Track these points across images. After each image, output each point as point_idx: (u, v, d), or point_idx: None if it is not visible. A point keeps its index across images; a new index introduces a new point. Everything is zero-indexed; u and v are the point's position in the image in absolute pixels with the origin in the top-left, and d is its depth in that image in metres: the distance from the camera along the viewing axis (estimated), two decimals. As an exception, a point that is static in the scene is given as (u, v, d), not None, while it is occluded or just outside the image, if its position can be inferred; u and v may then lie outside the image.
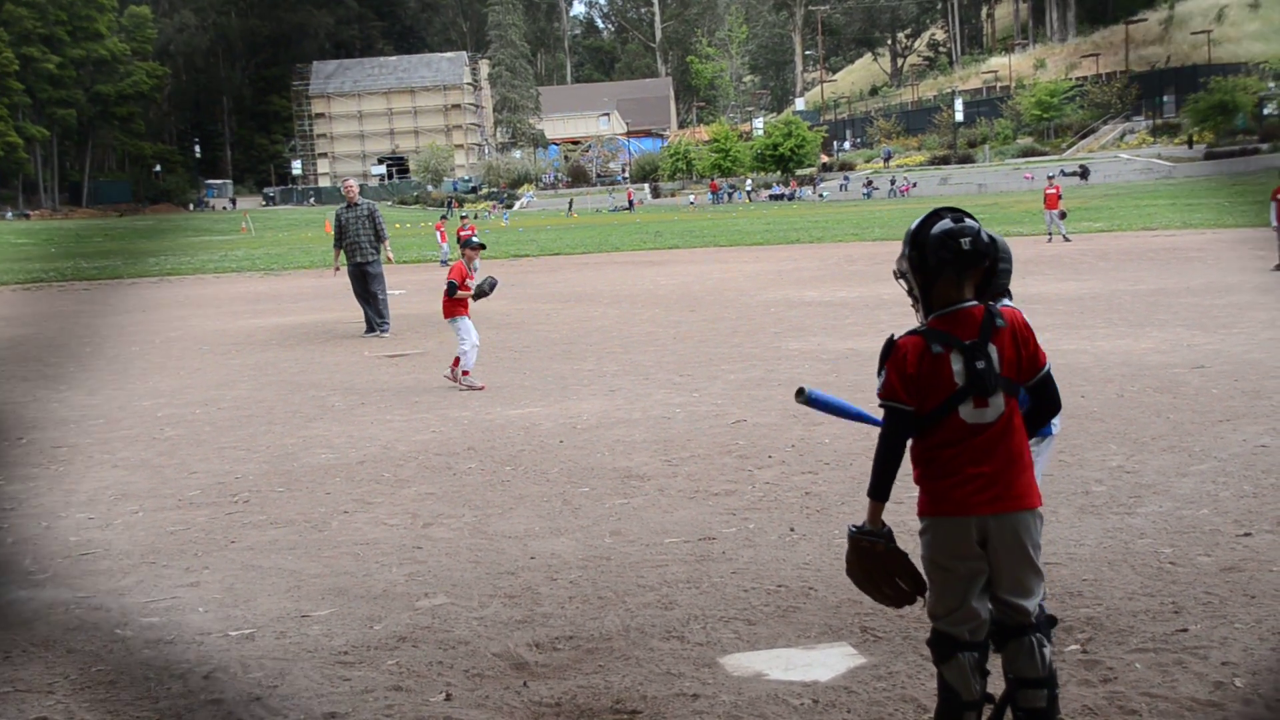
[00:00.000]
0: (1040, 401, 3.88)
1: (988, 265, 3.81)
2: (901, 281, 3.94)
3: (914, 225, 3.85)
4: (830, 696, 4.55)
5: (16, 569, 6.72)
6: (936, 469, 3.75)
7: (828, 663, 4.88)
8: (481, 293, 12.75)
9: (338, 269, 18.75)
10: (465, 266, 13.02)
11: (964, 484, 3.69)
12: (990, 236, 3.83)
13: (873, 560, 3.91)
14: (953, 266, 3.74)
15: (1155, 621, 5.14)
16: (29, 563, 6.84)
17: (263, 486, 8.49)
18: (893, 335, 3.84)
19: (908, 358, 3.74)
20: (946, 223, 3.77)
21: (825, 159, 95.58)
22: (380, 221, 18.26)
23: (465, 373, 12.70)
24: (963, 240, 3.72)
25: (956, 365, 3.70)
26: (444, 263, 32.92)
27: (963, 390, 3.70)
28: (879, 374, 3.85)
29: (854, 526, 3.94)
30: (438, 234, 37.40)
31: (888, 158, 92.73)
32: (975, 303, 3.80)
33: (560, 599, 5.81)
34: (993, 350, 3.73)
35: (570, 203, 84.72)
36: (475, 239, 14.41)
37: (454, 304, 12.84)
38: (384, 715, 4.52)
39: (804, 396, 4.42)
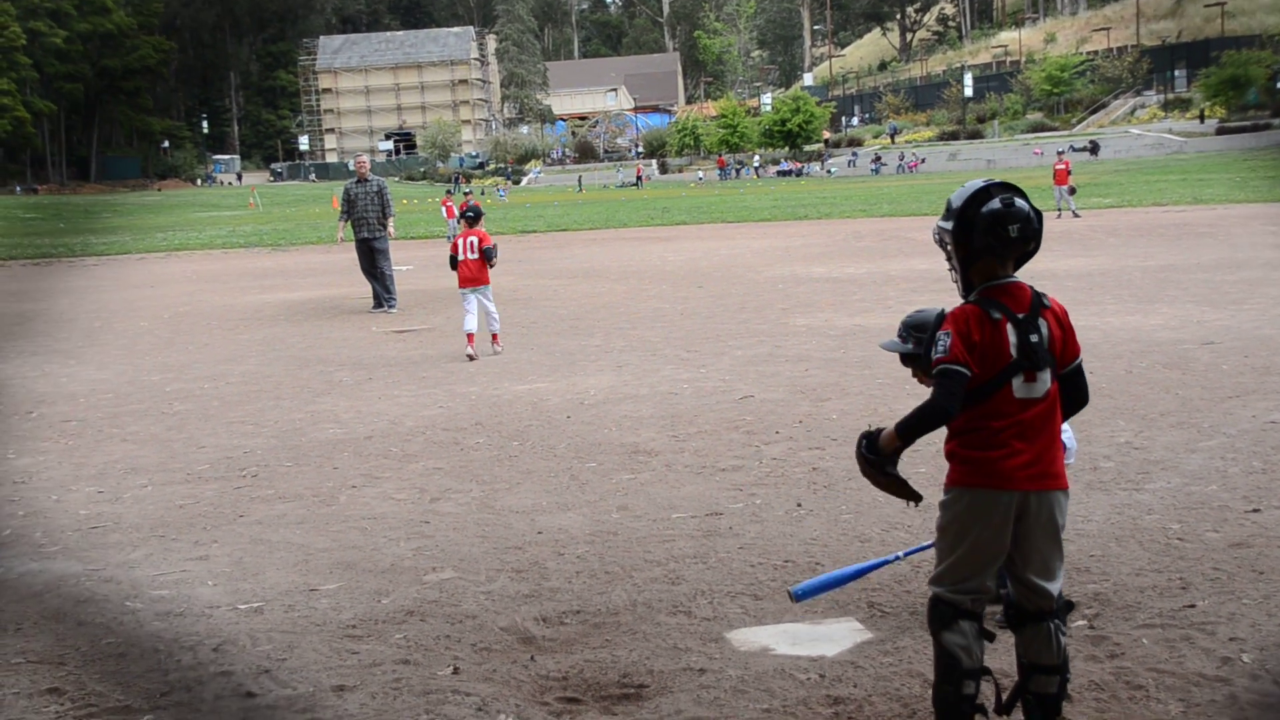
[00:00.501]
0: (1070, 392, 3.83)
1: (1032, 248, 3.76)
2: (941, 248, 3.89)
3: (961, 198, 3.75)
4: (837, 671, 4.56)
5: (27, 542, 6.76)
6: (982, 440, 3.67)
7: (834, 637, 4.89)
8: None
9: (342, 239, 18.78)
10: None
11: (1010, 457, 3.64)
12: (1035, 211, 3.74)
13: (871, 475, 3.89)
14: (998, 250, 3.70)
15: (1163, 597, 5.14)
16: (40, 535, 6.88)
17: (271, 461, 8.52)
18: (943, 309, 3.81)
19: (970, 323, 3.68)
20: (996, 204, 3.68)
21: (827, 135, 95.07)
22: (388, 198, 18.29)
23: (495, 336, 13.29)
24: (1011, 228, 3.66)
25: (1012, 337, 3.66)
26: (450, 239, 32.88)
27: (1016, 363, 3.66)
28: (934, 344, 3.73)
29: (865, 438, 3.85)
30: (444, 210, 37.39)
31: (894, 133, 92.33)
32: (1019, 279, 3.76)
33: (567, 574, 5.82)
34: (1042, 325, 3.71)
35: (580, 179, 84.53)
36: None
37: (486, 271, 13.24)
38: (392, 688, 4.54)
39: (794, 599, 4.52)
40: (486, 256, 13.07)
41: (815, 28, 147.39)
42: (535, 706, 4.38)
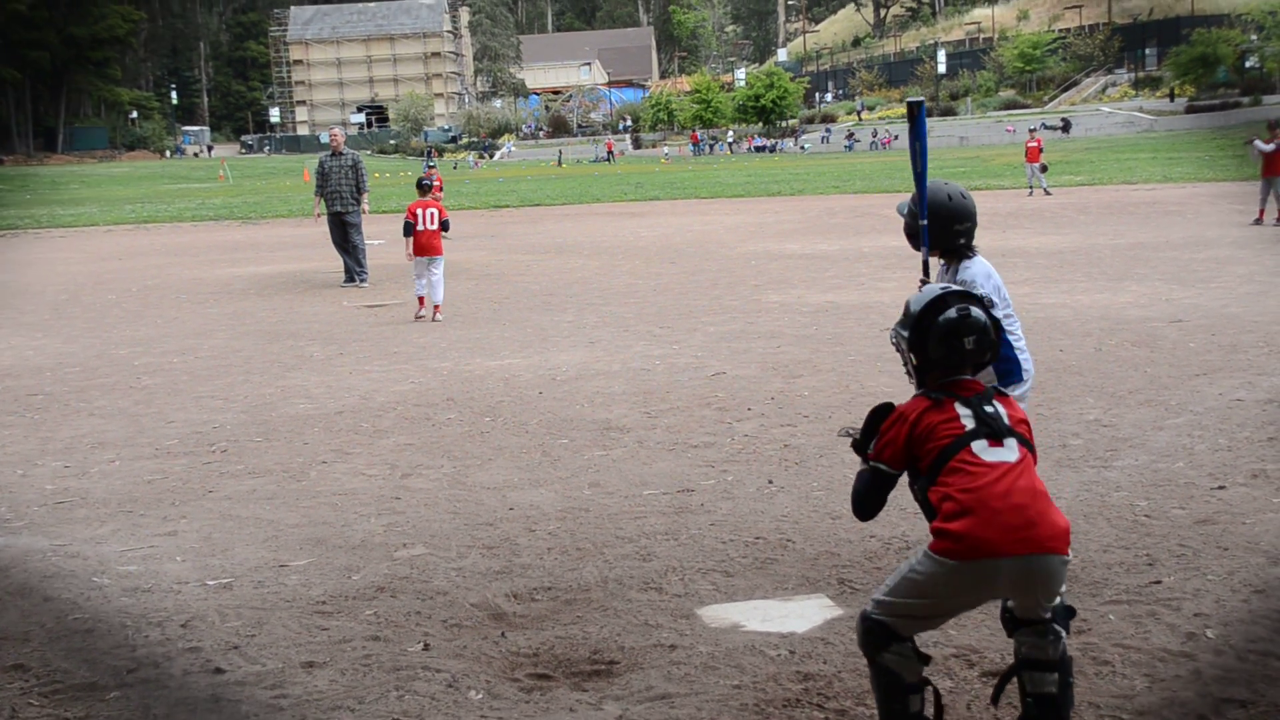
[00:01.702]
0: None
1: (988, 358, 3.68)
2: (898, 352, 3.82)
3: (917, 305, 3.67)
4: (807, 647, 4.58)
5: (-8, 518, 6.69)
6: (958, 508, 3.44)
7: (805, 614, 4.91)
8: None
9: (319, 216, 18.65)
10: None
11: (989, 523, 3.40)
12: (994, 321, 3.65)
13: None
14: (954, 360, 3.62)
15: (1129, 573, 5.19)
16: (5, 510, 6.82)
17: (240, 436, 8.47)
18: (890, 403, 3.70)
19: (908, 417, 3.59)
20: (952, 314, 3.60)
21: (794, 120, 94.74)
22: (363, 173, 18.21)
23: (438, 307, 13.75)
24: (967, 340, 3.59)
25: (964, 411, 3.55)
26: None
27: (974, 431, 3.52)
28: (864, 441, 3.70)
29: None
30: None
31: (861, 110, 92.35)
32: (973, 377, 3.68)
33: (539, 550, 5.82)
34: (998, 404, 3.59)
35: (560, 153, 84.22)
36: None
37: (441, 242, 13.87)
38: (362, 665, 4.53)
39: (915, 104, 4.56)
40: (445, 228, 13.89)
41: (789, 3, 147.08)
42: (506, 682, 4.38)
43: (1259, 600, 4.84)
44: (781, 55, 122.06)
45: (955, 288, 3.75)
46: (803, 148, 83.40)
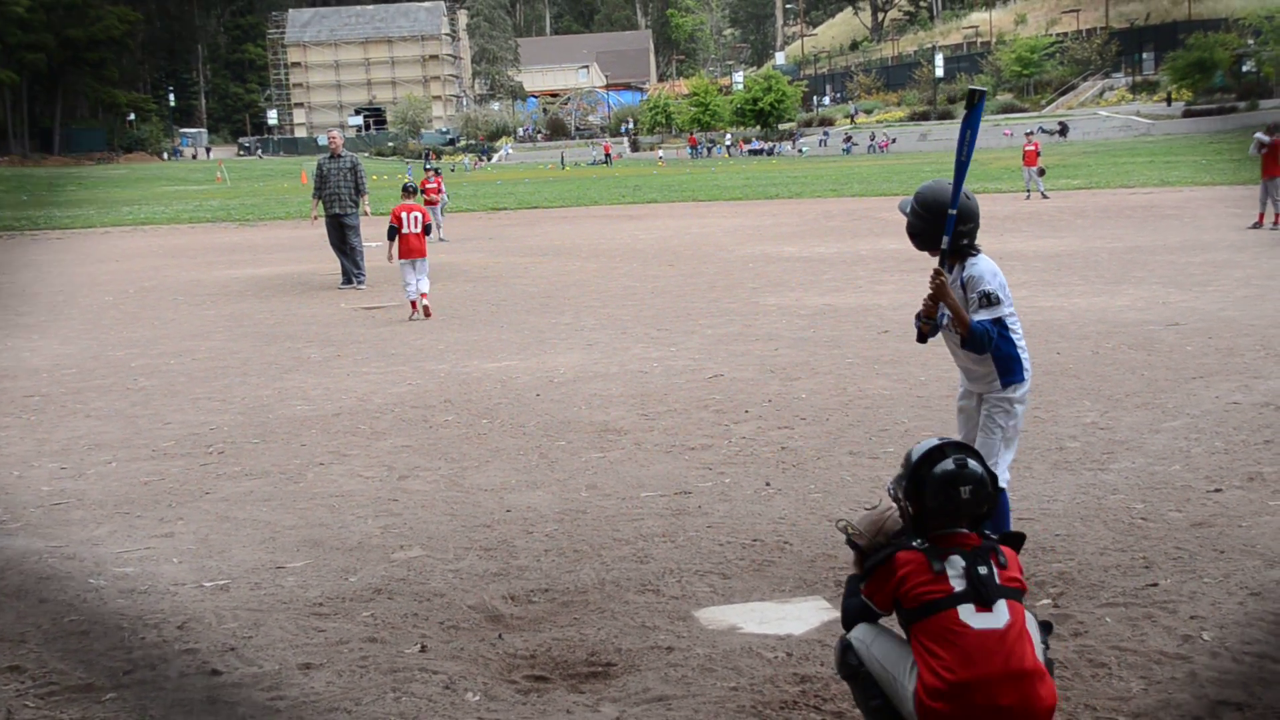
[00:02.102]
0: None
1: (985, 510, 3.71)
2: (894, 502, 3.85)
3: (915, 456, 3.73)
4: (804, 649, 4.58)
5: (-12, 519, 6.68)
6: (941, 689, 3.46)
7: (802, 616, 4.91)
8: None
9: (316, 218, 18.65)
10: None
11: (973, 700, 3.44)
12: (990, 474, 3.71)
13: None
14: (950, 510, 3.66)
15: (1126, 576, 5.19)
16: (1, 512, 6.81)
17: (237, 438, 8.46)
18: (894, 550, 3.70)
19: (896, 573, 3.61)
20: (949, 465, 3.65)
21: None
22: (362, 176, 18.20)
23: (424, 295, 14.33)
24: (963, 490, 3.63)
25: (954, 572, 3.57)
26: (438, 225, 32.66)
27: (962, 594, 3.53)
28: (864, 572, 3.76)
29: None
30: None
31: (855, 114, 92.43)
32: (966, 531, 3.71)
33: (536, 552, 5.82)
34: (992, 564, 3.62)
35: (562, 155, 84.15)
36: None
37: (426, 244, 14.56)
38: (358, 666, 4.53)
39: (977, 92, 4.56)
40: (428, 232, 14.66)
41: (787, 6, 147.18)
42: (503, 684, 4.38)
43: (1255, 603, 4.85)
44: (779, 59, 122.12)
45: (953, 439, 3.79)
46: (800, 151, 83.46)
